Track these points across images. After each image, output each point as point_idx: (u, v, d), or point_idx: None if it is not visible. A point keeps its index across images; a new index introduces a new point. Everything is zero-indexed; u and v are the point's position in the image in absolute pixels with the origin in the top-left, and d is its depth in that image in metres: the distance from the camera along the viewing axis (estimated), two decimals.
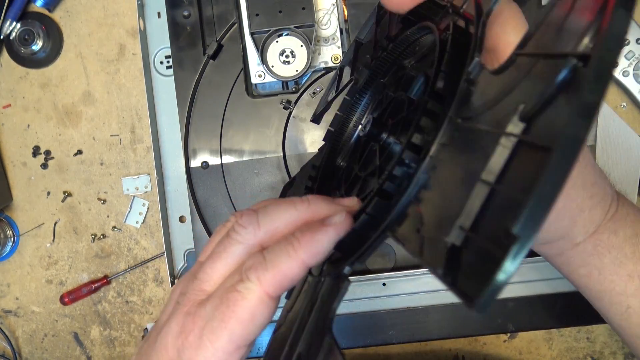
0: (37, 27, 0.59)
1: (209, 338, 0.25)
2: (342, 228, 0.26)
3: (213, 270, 0.28)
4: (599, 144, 0.52)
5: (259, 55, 0.50)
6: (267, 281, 0.25)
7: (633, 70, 0.55)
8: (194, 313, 0.27)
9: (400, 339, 0.49)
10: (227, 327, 0.25)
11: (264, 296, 0.25)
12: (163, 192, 0.55)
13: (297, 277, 0.26)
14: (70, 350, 0.62)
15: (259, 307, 0.25)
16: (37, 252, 0.62)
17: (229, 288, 0.26)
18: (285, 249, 0.25)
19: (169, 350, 0.27)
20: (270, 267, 0.25)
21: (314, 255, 0.25)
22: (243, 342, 0.26)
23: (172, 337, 0.27)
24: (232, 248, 0.28)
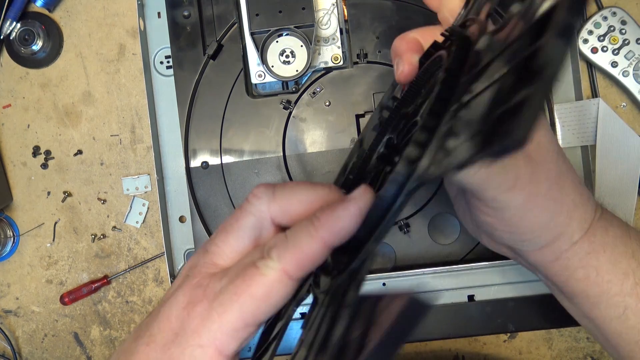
0: (37, 27, 0.59)
1: (218, 310, 0.24)
2: (362, 202, 0.24)
3: (225, 243, 0.27)
4: (599, 144, 0.52)
5: (259, 55, 0.50)
6: (287, 260, 0.24)
7: (633, 70, 0.55)
8: (205, 285, 0.26)
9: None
10: (239, 300, 0.24)
11: (282, 275, 0.24)
12: (163, 192, 0.55)
13: (318, 258, 0.25)
14: (70, 350, 0.62)
15: (275, 285, 0.24)
16: (37, 252, 0.62)
17: (249, 263, 0.25)
18: (307, 228, 0.25)
19: (172, 321, 0.26)
20: (291, 245, 0.24)
21: (336, 234, 0.24)
22: (253, 320, 0.25)
23: (177, 308, 0.26)
24: (244, 220, 0.27)
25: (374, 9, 0.52)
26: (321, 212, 0.25)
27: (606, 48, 0.55)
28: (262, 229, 0.27)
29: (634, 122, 0.57)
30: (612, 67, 0.55)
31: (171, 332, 0.25)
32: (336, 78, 0.53)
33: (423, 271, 0.48)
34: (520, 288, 0.48)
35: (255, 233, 0.27)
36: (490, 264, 0.48)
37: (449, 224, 0.51)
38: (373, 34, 0.52)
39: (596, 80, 0.57)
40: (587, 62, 0.57)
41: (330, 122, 0.53)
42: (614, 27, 0.55)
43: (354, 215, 0.24)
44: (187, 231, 0.54)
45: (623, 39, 0.55)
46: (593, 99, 0.53)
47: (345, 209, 0.24)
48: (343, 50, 0.52)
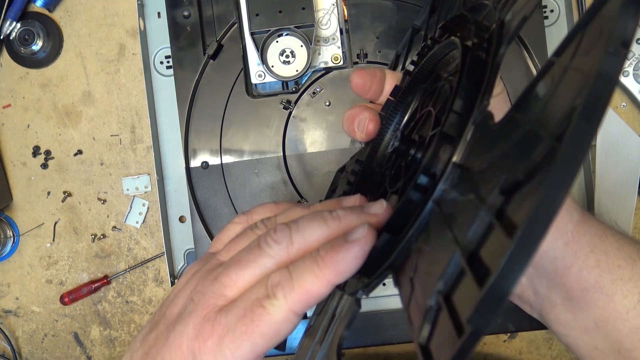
0: (37, 27, 0.59)
1: (230, 347, 0.25)
2: (365, 243, 0.25)
3: (239, 278, 0.27)
4: (599, 144, 0.52)
5: (259, 55, 0.50)
6: (293, 299, 0.25)
7: (633, 70, 0.55)
8: (213, 320, 0.26)
9: (400, 339, 0.49)
10: (250, 339, 0.25)
11: (289, 313, 0.25)
12: (163, 192, 0.55)
13: (323, 295, 0.25)
14: (70, 350, 0.62)
15: (283, 323, 0.25)
16: (37, 252, 0.62)
17: (255, 302, 0.26)
18: (311, 268, 0.25)
19: (184, 351, 0.27)
20: (296, 285, 0.25)
21: (340, 274, 0.25)
22: (263, 352, 0.26)
23: (187, 338, 0.27)
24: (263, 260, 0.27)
25: (374, 9, 0.52)
26: (325, 253, 0.25)
27: None
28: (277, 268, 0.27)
29: (634, 122, 0.57)
30: None
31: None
32: (336, 78, 0.53)
33: None
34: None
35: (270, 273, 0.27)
36: None
37: None
38: (373, 34, 0.52)
39: None
40: None
41: (330, 122, 0.53)
42: None
43: (358, 257, 0.25)
44: (187, 231, 0.54)
45: None
46: None
47: (350, 250, 0.25)
48: (343, 50, 0.52)
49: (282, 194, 0.52)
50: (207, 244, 0.53)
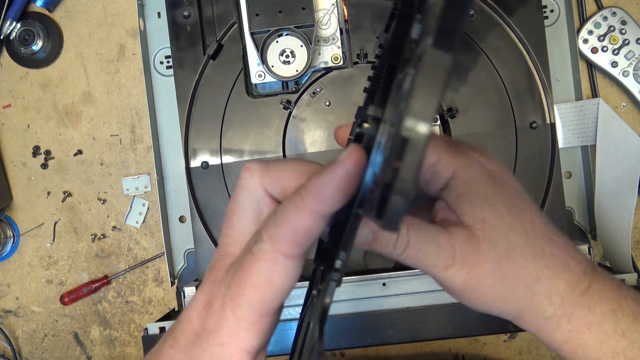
0: (37, 27, 0.59)
1: (230, 306, 0.24)
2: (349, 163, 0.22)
3: (230, 229, 0.26)
4: (599, 144, 0.52)
5: (259, 55, 0.50)
6: (279, 238, 0.23)
7: (633, 70, 0.55)
8: (219, 281, 0.25)
9: (400, 339, 0.49)
10: (245, 293, 0.23)
11: (278, 256, 0.23)
12: (163, 192, 0.55)
13: (311, 231, 0.23)
14: (70, 350, 0.62)
15: (274, 268, 0.23)
16: (37, 252, 0.62)
17: (246, 251, 0.24)
18: (293, 201, 0.23)
19: (193, 321, 0.25)
20: (280, 222, 0.23)
21: (323, 201, 0.22)
22: (265, 310, 0.24)
23: (197, 308, 0.25)
24: (240, 197, 0.26)
25: (374, 9, 0.52)
26: (308, 181, 0.23)
27: (606, 48, 0.55)
28: (260, 204, 0.26)
29: (634, 122, 0.57)
30: (612, 67, 0.55)
31: (192, 333, 0.25)
32: (336, 78, 0.53)
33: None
34: None
35: (255, 209, 0.26)
36: None
37: None
38: (373, 34, 0.52)
39: (596, 80, 0.57)
40: (587, 62, 0.57)
41: (330, 122, 0.53)
42: (614, 27, 0.55)
43: (342, 179, 0.22)
44: (187, 231, 0.54)
45: (623, 39, 0.55)
46: (593, 99, 0.53)
47: (331, 172, 0.22)
48: (343, 50, 0.52)
49: None
50: (207, 244, 0.53)
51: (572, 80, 0.54)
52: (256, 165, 0.25)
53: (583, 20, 0.56)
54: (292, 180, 0.25)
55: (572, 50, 0.54)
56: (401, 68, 0.22)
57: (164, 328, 0.50)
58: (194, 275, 0.55)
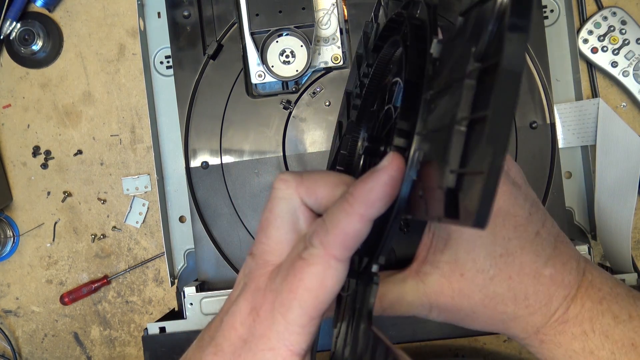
0: (37, 27, 0.59)
1: (280, 311, 0.24)
2: (393, 169, 0.24)
3: (267, 238, 0.27)
4: (599, 144, 0.52)
5: (259, 55, 0.50)
6: (330, 243, 0.24)
7: (633, 70, 0.55)
8: (263, 288, 0.26)
9: (400, 339, 0.49)
10: (297, 297, 0.24)
11: (330, 260, 0.24)
12: (163, 192, 0.55)
13: (360, 234, 0.24)
14: (70, 350, 0.62)
15: (326, 272, 0.24)
16: (37, 252, 0.62)
17: (295, 257, 0.25)
18: (342, 207, 0.24)
19: (238, 328, 0.26)
20: (330, 228, 0.24)
21: (371, 206, 0.24)
22: (316, 313, 0.24)
23: (241, 315, 0.26)
24: (276, 207, 0.27)
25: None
26: (354, 188, 0.24)
27: (606, 48, 0.55)
28: (296, 213, 0.27)
29: (634, 122, 0.57)
30: (612, 67, 0.55)
31: (239, 340, 0.26)
32: (336, 78, 0.53)
33: None
34: None
35: (292, 219, 0.27)
36: None
37: None
38: None
39: (596, 80, 0.57)
40: (587, 62, 0.57)
41: (330, 122, 0.53)
42: (614, 27, 0.55)
43: (387, 183, 0.23)
44: (187, 231, 0.54)
45: (623, 39, 0.55)
46: (593, 99, 0.53)
47: (377, 177, 0.24)
48: (343, 50, 0.52)
49: None
50: (207, 244, 0.53)
51: (572, 80, 0.54)
52: (291, 176, 0.27)
53: (583, 20, 0.56)
54: (326, 191, 0.26)
55: (572, 50, 0.54)
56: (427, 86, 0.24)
57: (164, 328, 0.50)
58: (194, 275, 0.55)
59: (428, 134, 0.23)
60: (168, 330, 0.50)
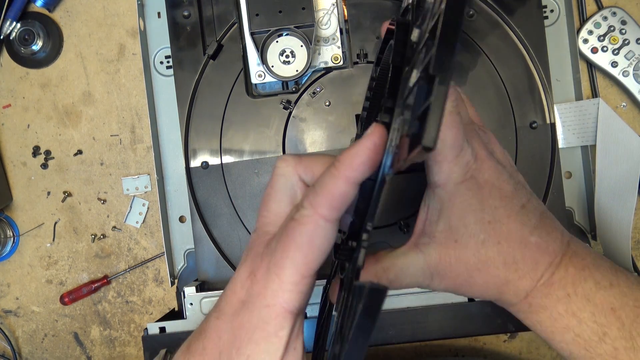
0: (37, 27, 0.59)
1: (274, 270, 0.27)
2: (375, 136, 0.26)
3: (267, 211, 0.30)
4: (599, 144, 0.52)
5: (259, 55, 0.50)
6: (319, 203, 0.26)
7: (633, 70, 0.55)
8: (262, 252, 0.28)
9: (400, 339, 0.49)
10: (289, 255, 0.26)
11: (319, 219, 0.26)
12: (163, 192, 0.55)
13: (346, 195, 0.26)
14: (70, 350, 0.62)
15: (316, 230, 0.26)
16: (37, 252, 0.62)
17: (288, 220, 0.27)
18: (329, 172, 0.27)
19: (238, 292, 0.28)
20: (319, 190, 0.26)
21: (355, 169, 0.26)
22: (307, 271, 0.27)
23: (241, 279, 0.28)
24: (276, 183, 0.30)
25: (374, 9, 0.52)
26: (340, 155, 0.27)
27: (606, 48, 0.55)
28: (294, 188, 0.29)
29: (634, 122, 0.57)
30: (612, 67, 0.55)
31: (238, 302, 0.28)
32: (336, 78, 0.53)
33: None
34: None
35: (290, 192, 0.29)
36: None
37: None
38: (373, 34, 0.52)
39: (596, 80, 0.57)
40: (587, 62, 0.57)
41: (330, 122, 0.53)
42: (614, 27, 0.55)
43: (370, 149, 0.26)
44: (187, 231, 0.54)
45: (623, 39, 0.55)
46: (593, 99, 0.53)
47: (361, 144, 0.26)
48: (343, 50, 0.52)
49: None
50: (207, 244, 0.53)
51: (572, 80, 0.54)
52: (290, 157, 0.30)
53: (583, 20, 0.56)
54: (321, 168, 0.29)
55: (572, 50, 0.54)
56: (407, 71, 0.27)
57: (164, 328, 0.50)
58: (194, 275, 0.55)
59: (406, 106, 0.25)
60: (168, 330, 0.50)
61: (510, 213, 0.33)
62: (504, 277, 0.33)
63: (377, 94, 0.38)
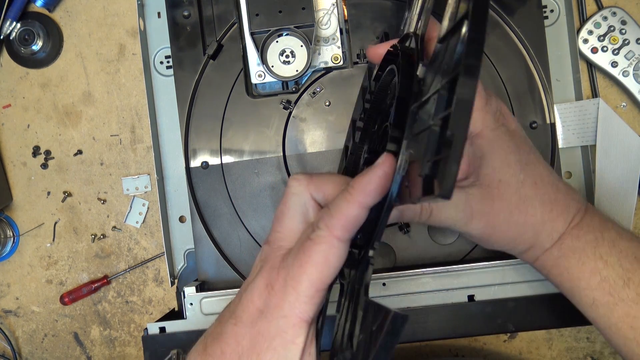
0: (37, 27, 0.59)
1: (291, 284, 0.29)
2: (384, 165, 0.28)
3: (281, 226, 0.32)
4: (599, 144, 0.52)
5: (259, 55, 0.50)
6: (334, 226, 0.29)
7: (633, 70, 0.55)
8: (278, 267, 0.30)
9: (400, 339, 0.49)
10: (306, 272, 0.29)
11: (333, 240, 0.29)
12: (163, 192, 0.55)
13: (359, 218, 0.29)
14: (70, 350, 0.62)
15: (330, 250, 0.29)
16: (37, 252, 0.62)
17: (304, 239, 0.30)
18: (343, 197, 0.29)
19: (255, 301, 0.30)
20: (334, 213, 0.29)
21: (368, 195, 0.28)
22: (321, 285, 0.29)
23: (258, 290, 0.30)
24: (289, 201, 0.32)
25: (374, 9, 0.52)
26: (354, 181, 0.29)
27: (606, 48, 0.55)
28: (306, 206, 0.32)
29: (634, 122, 0.57)
30: (612, 67, 0.55)
31: (256, 311, 0.30)
32: (336, 78, 0.53)
33: (423, 271, 0.48)
34: (520, 288, 0.48)
35: (302, 210, 0.32)
36: (490, 264, 0.48)
37: None
38: (373, 34, 0.52)
39: (596, 80, 0.57)
40: (587, 62, 0.57)
41: (330, 122, 0.53)
42: (614, 27, 0.55)
43: (382, 177, 0.28)
44: (187, 231, 0.54)
45: (623, 39, 0.55)
46: (593, 99, 0.53)
47: (373, 172, 0.28)
48: (343, 50, 0.52)
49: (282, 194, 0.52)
50: (207, 244, 0.53)
51: (572, 80, 0.54)
52: (302, 176, 0.33)
53: (583, 20, 0.56)
54: (332, 188, 0.32)
55: (572, 50, 0.54)
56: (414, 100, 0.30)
57: (164, 328, 0.50)
58: (194, 275, 0.55)
59: (413, 138, 0.28)
60: (168, 330, 0.50)
61: (539, 159, 0.37)
62: (540, 217, 0.36)
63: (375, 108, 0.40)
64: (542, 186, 0.37)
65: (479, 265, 0.48)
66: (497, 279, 0.48)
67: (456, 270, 0.48)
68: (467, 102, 0.22)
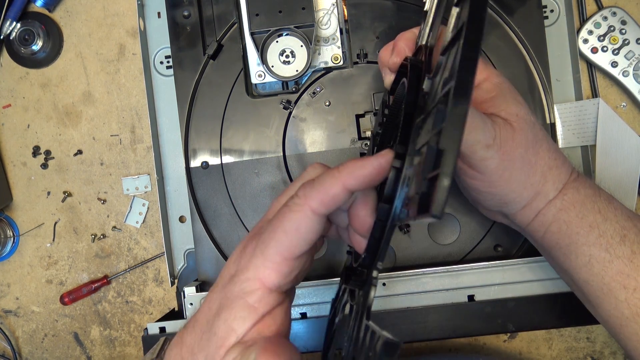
0: (37, 27, 0.59)
1: (260, 248, 0.29)
2: (384, 158, 0.28)
3: (279, 203, 0.33)
4: (599, 144, 0.52)
5: (259, 55, 0.50)
6: (311, 197, 0.28)
7: (633, 70, 0.55)
8: (255, 233, 0.31)
9: (400, 339, 0.49)
10: (275, 237, 0.29)
11: (307, 211, 0.28)
12: (163, 192, 0.55)
13: (337, 197, 0.28)
14: (70, 350, 0.62)
15: (303, 220, 0.28)
16: (37, 252, 0.62)
17: (282, 207, 0.30)
18: (331, 173, 0.29)
19: (230, 267, 0.31)
20: (316, 185, 0.29)
21: (355, 178, 0.28)
22: (289, 254, 0.29)
23: (234, 256, 0.31)
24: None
25: (374, 9, 0.52)
26: (346, 162, 0.29)
27: (606, 48, 0.55)
28: None
29: (634, 122, 0.57)
30: (612, 67, 0.55)
31: (228, 276, 0.30)
32: (336, 78, 0.53)
33: (423, 271, 0.48)
34: (520, 288, 0.48)
35: None
36: (490, 264, 0.48)
37: (449, 224, 0.51)
38: (373, 34, 0.52)
39: (596, 80, 0.57)
40: (587, 62, 0.57)
41: (330, 122, 0.53)
42: (614, 27, 0.55)
43: (374, 167, 0.28)
44: (187, 231, 0.54)
45: (623, 39, 0.55)
46: (593, 99, 0.53)
47: (368, 160, 0.28)
48: (343, 50, 0.52)
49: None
50: (207, 244, 0.53)
51: (572, 80, 0.54)
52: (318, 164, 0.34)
53: (583, 20, 0.56)
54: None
55: (572, 50, 0.54)
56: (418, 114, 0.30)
57: (164, 328, 0.50)
58: (194, 275, 0.55)
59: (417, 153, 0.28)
60: (168, 330, 0.50)
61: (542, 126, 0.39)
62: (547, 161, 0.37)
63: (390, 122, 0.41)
64: (545, 135, 0.38)
65: (479, 265, 0.48)
66: (497, 279, 0.48)
67: (456, 270, 0.48)
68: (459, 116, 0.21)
